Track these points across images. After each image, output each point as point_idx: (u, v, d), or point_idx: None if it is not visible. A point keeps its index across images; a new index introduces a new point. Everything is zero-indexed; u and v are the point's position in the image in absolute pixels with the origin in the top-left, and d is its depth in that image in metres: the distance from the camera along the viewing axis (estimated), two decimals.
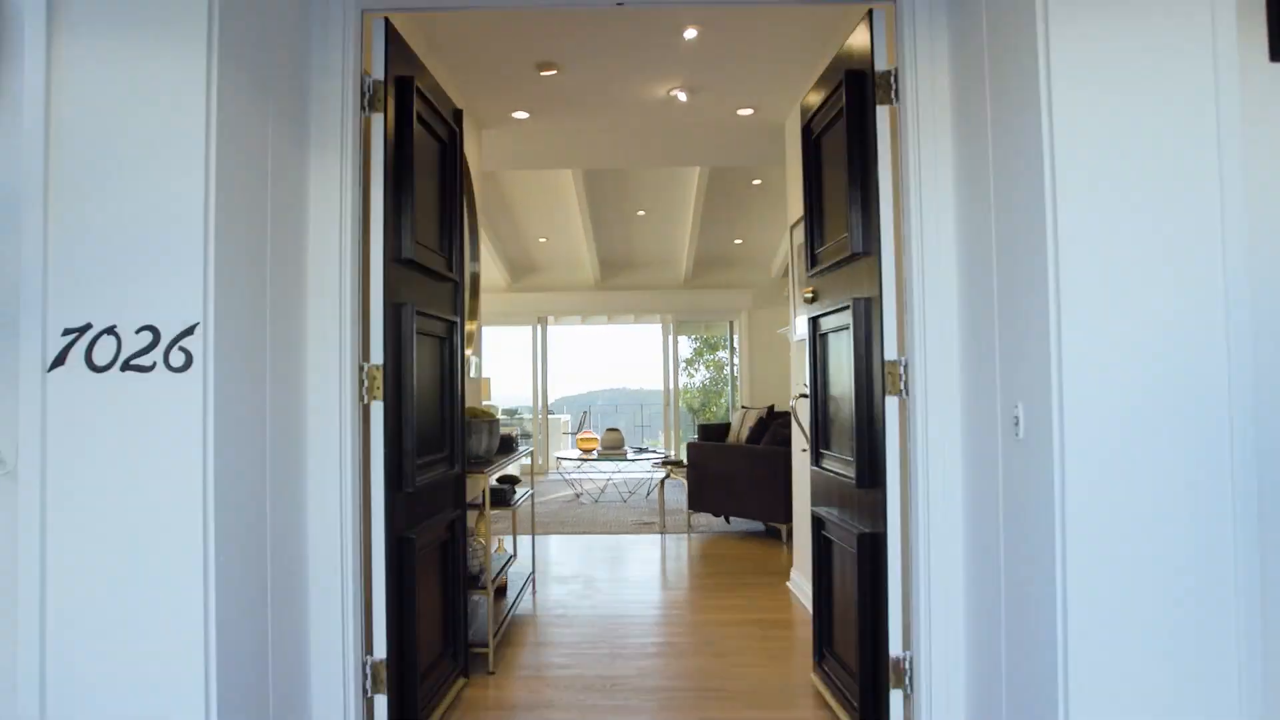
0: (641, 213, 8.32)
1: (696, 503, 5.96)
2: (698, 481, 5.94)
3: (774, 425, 8.96)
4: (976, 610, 2.04)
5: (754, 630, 3.54)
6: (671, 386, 10.12)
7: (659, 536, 5.81)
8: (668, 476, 6.03)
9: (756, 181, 7.52)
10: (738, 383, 10.27)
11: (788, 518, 5.38)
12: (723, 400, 14.78)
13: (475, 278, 4.08)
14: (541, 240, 9.14)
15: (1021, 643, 1.73)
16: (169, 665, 1.57)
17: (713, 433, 9.13)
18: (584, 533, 5.93)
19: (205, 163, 1.60)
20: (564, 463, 7.61)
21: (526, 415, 10.56)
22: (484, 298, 10.41)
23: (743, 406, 9.31)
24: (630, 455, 7.69)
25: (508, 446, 3.75)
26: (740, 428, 9.07)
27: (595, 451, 7.59)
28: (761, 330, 10.02)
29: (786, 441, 5.50)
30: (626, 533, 5.94)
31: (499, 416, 3.52)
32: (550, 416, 12.22)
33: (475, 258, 4.06)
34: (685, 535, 5.85)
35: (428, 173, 2.57)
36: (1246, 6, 1.61)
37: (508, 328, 10.62)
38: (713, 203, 8.01)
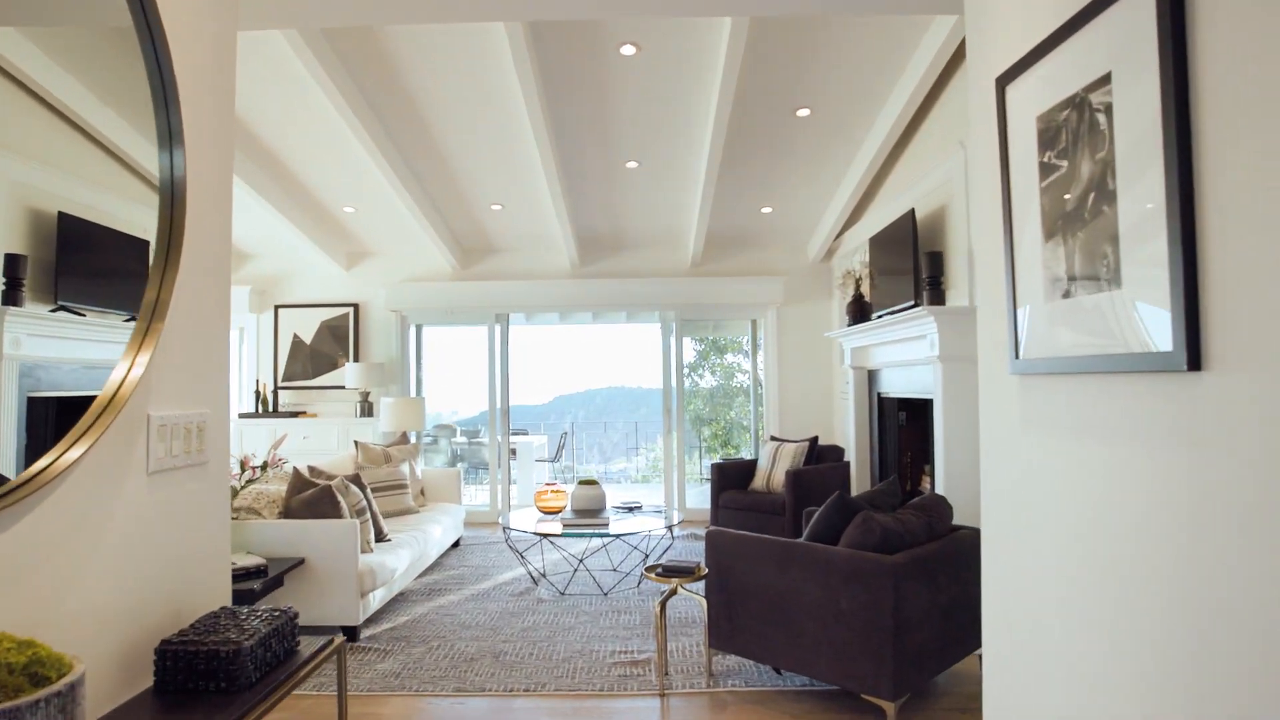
0: (632, 164, 5.79)
1: (723, 639, 3.44)
2: (725, 602, 3.42)
3: (827, 471, 6.39)
4: None
5: None
6: (675, 405, 7.59)
7: (658, 702, 3.29)
8: (673, 593, 3.50)
9: (803, 112, 4.99)
10: (762, 400, 7.74)
11: (898, 688, 2.88)
12: (732, 414, 12.33)
13: (178, 190, 1.55)
14: (495, 208, 6.60)
15: None
16: None
17: (732, 476, 6.60)
18: (525, 687, 3.41)
19: None
20: (514, 534, 5.07)
21: (487, 436, 8.02)
22: (421, 288, 7.92)
23: (772, 438, 6.78)
24: (615, 518, 5.16)
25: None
26: (771, 469, 6.53)
27: (561, 518, 5.06)
28: (795, 333, 7.48)
29: (890, 542, 2.98)
30: (601, 687, 3.42)
31: (72, 683, 0.99)
32: (520, 439, 9.72)
33: (175, 143, 1.53)
34: (703, 695, 3.34)
35: None
36: None
37: (457, 328, 8.08)
38: (735, 148, 5.47)
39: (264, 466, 3.83)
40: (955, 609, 3.23)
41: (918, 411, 5.49)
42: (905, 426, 5.60)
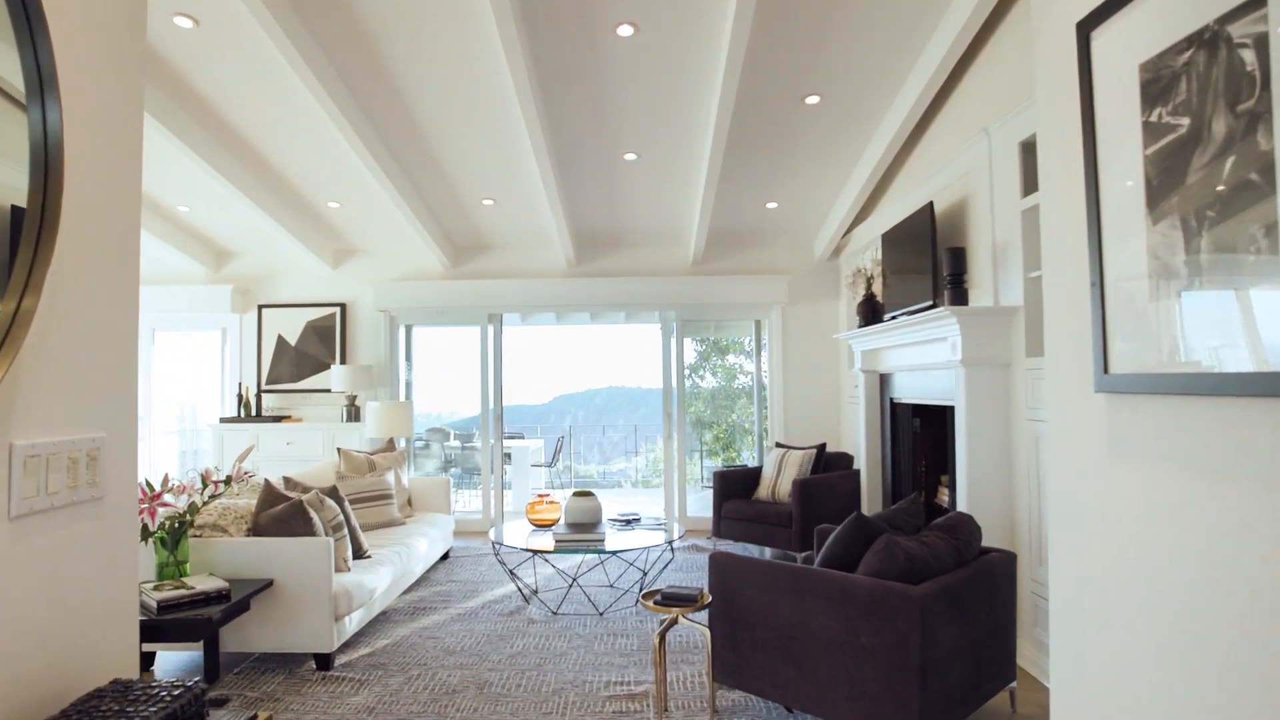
0: (631, 156, 5.47)
1: (728, 672, 3.12)
2: (730, 632, 3.10)
3: (836, 481, 6.08)
4: None
5: None
6: (675, 409, 7.27)
7: None
8: (673, 623, 3.18)
9: (813, 99, 4.68)
10: (766, 403, 7.42)
11: None
12: (734, 417, 12.00)
13: (53, 154, 1.22)
14: (487, 203, 6.29)
15: None
16: None
17: (735, 484, 6.28)
18: None
19: None
20: (504, 549, 4.73)
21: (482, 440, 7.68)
22: (411, 287, 7.56)
23: (778, 444, 6.48)
24: (612, 532, 4.85)
25: None
26: (777, 477, 6.22)
27: (554, 531, 4.74)
28: (801, 334, 7.17)
29: (915, 569, 2.67)
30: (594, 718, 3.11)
31: None
32: (515, 444, 9.42)
33: (43, 94, 1.21)
34: None
35: None
36: None
37: (449, 328, 7.77)
38: (740, 139, 5.16)
39: (228, 480, 3.52)
40: (987, 641, 2.92)
41: (934, 418, 5.18)
42: (920, 434, 5.28)
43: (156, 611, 3.13)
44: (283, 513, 3.74)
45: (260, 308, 7.18)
